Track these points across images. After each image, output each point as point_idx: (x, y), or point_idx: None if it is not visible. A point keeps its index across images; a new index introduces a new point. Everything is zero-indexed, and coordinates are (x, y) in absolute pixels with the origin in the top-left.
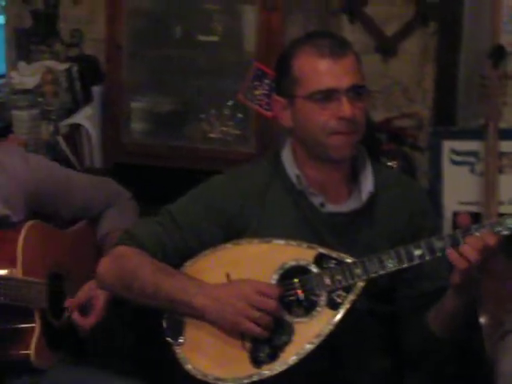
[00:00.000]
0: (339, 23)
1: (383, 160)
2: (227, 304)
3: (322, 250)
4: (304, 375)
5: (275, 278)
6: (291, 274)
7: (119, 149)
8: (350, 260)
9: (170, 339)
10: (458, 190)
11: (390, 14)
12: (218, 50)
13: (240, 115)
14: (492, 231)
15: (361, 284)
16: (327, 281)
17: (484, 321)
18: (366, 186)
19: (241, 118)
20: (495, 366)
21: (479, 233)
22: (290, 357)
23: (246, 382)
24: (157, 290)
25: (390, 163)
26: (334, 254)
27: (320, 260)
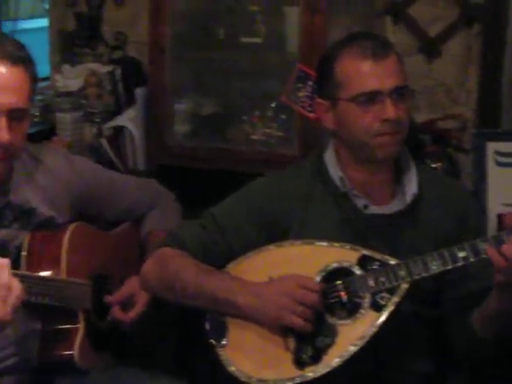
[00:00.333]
0: (383, 24)
1: (427, 162)
2: (270, 300)
3: (366, 251)
4: (347, 377)
5: (318, 279)
6: (334, 276)
7: (162, 151)
8: (393, 262)
9: (213, 341)
10: (503, 191)
11: (433, 15)
12: (260, 52)
13: (283, 117)
14: None
15: (405, 286)
16: (371, 282)
17: None
18: (410, 187)
19: (284, 119)
20: None
21: None
22: (333, 359)
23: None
24: (200, 291)
25: (434, 165)
26: (378, 256)
27: (363, 262)
